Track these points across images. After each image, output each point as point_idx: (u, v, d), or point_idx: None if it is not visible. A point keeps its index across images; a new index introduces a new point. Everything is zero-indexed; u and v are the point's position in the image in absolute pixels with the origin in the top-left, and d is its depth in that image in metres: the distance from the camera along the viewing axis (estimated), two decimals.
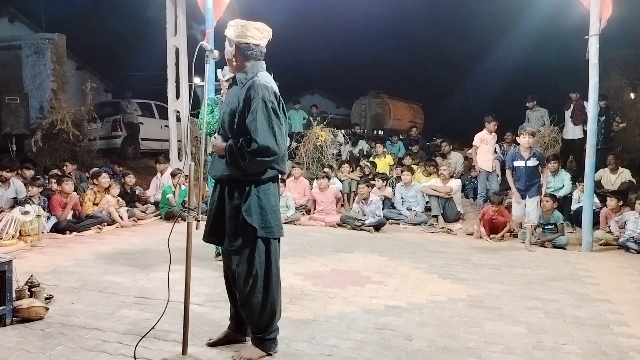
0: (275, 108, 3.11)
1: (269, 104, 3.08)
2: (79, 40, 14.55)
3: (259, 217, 3.15)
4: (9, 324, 3.76)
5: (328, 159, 10.75)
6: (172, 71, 9.35)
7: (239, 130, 3.14)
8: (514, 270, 5.73)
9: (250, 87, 3.13)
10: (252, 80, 3.15)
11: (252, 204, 3.15)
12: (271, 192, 3.24)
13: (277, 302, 3.28)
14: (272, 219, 3.20)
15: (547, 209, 7.28)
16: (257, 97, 3.07)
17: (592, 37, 6.69)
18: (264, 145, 3.03)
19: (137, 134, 14.06)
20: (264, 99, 3.07)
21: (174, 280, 3.19)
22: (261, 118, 3.05)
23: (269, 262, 3.23)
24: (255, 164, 3.08)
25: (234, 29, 3.19)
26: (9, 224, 6.45)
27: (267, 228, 3.18)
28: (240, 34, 3.17)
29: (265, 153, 3.05)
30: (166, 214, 8.47)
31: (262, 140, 3.02)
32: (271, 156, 3.08)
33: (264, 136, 3.03)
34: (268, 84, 3.14)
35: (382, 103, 17.80)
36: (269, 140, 3.04)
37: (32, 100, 11.47)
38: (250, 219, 3.13)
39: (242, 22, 3.19)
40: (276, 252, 3.28)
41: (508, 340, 3.69)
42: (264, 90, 3.09)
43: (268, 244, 3.22)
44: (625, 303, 4.63)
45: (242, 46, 3.18)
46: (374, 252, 6.44)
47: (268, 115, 3.06)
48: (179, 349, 3.15)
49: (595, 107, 6.81)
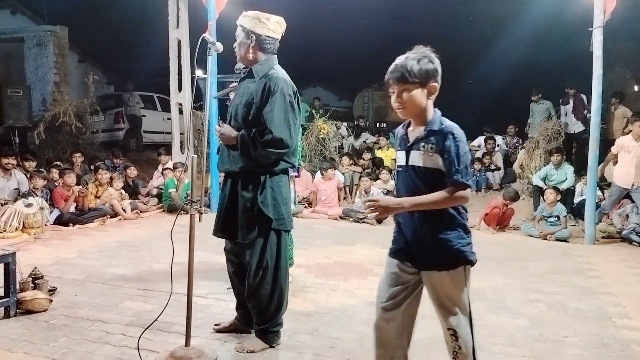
0: (293, 102, 3.15)
1: (287, 98, 3.11)
2: (81, 32, 14.50)
3: (273, 208, 3.17)
4: (12, 315, 3.78)
5: (330, 152, 10.74)
6: (174, 64, 9.34)
7: (254, 122, 3.14)
8: (516, 263, 5.74)
9: (269, 79, 3.13)
10: (269, 74, 3.15)
11: (267, 196, 3.17)
12: (283, 184, 3.26)
13: (284, 294, 3.31)
14: (285, 211, 3.23)
15: (550, 202, 7.28)
16: (277, 89, 3.08)
17: (596, 29, 6.64)
18: (278, 137, 3.04)
19: (139, 127, 14.05)
20: (283, 93, 3.09)
21: (177, 272, 3.20)
22: (279, 110, 3.06)
23: (279, 254, 3.25)
24: (266, 154, 3.08)
25: (254, 21, 3.16)
26: (12, 216, 6.47)
27: (280, 220, 3.20)
28: (261, 27, 3.16)
29: (278, 145, 3.06)
30: (169, 206, 8.49)
31: (277, 132, 3.03)
32: (284, 149, 3.09)
33: (279, 128, 3.04)
34: (287, 79, 3.18)
35: (384, 95, 17.75)
36: (284, 132, 3.06)
37: (34, 93, 11.45)
38: (267, 210, 3.15)
39: (264, 15, 3.18)
40: (286, 245, 3.31)
41: (510, 333, 3.70)
42: (284, 84, 3.12)
43: (280, 236, 3.25)
44: (627, 296, 4.63)
45: (262, 38, 3.18)
46: (376, 245, 6.44)
47: (286, 109, 3.08)
48: (182, 340, 3.17)
49: (599, 100, 6.78)
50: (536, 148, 9.51)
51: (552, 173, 8.40)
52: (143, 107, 14.40)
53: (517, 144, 11.20)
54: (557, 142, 9.37)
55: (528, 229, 7.43)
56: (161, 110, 14.89)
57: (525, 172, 9.59)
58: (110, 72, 18.40)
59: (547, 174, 8.46)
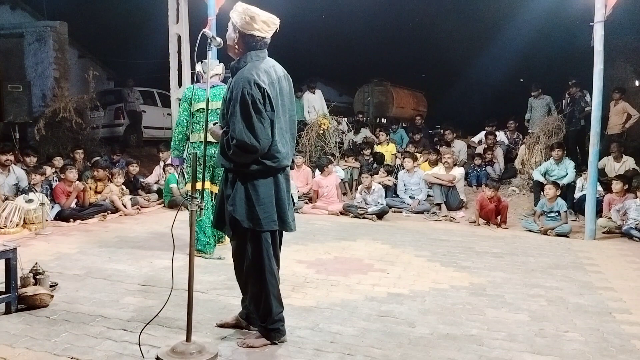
0: (257, 101, 2.97)
1: (248, 98, 2.95)
2: (81, 28, 14.49)
3: (245, 208, 3.12)
4: (14, 311, 3.78)
5: (331, 147, 10.72)
6: (174, 59, 9.31)
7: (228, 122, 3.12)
8: (517, 258, 5.74)
9: (235, 79, 3.10)
10: (240, 70, 3.11)
11: (238, 195, 3.13)
12: (262, 183, 3.14)
13: (272, 295, 3.23)
14: (261, 211, 3.12)
15: (550, 197, 7.28)
16: (237, 89, 3.00)
17: (597, 23, 6.62)
18: (241, 140, 2.95)
19: (139, 122, 14.04)
20: (243, 93, 2.96)
21: (178, 267, 3.20)
22: (237, 113, 2.97)
23: (259, 256, 3.18)
24: (239, 156, 3.04)
25: (240, 17, 3.10)
26: (13, 212, 6.47)
27: (255, 220, 3.12)
28: (246, 25, 3.10)
29: (243, 148, 2.98)
30: (170, 202, 8.50)
31: (238, 136, 2.96)
32: (250, 152, 2.99)
33: (239, 132, 2.95)
34: (252, 77, 3.00)
35: (385, 91, 17.73)
36: (246, 135, 2.95)
37: (34, 89, 11.43)
38: (232, 209, 3.13)
39: (250, 13, 3.09)
40: (268, 246, 3.20)
41: (510, 328, 3.70)
42: (246, 82, 2.99)
43: (258, 236, 3.17)
44: (627, 291, 4.63)
45: (247, 37, 3.14)
46: (377, 240, 6.44)
47: (247, 110, 2.96)
48: (183, 336, 3.17)
49: (599, 95, 6.76)
50: (537, 143, 9.49)
51: (553, 168, 8.39)
52: (143, 102, 14.38)
53: (518, 139, 11.19)
54: (558, 137, 9.35)
55: (528, 224, 7.43)
56: (161, 106, 14.87)
57: (525, 167, 9.58)
58: (110, 67, 18.36)
59: (547, 169, 8.45)
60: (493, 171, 9.88)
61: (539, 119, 10.25)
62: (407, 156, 9.12)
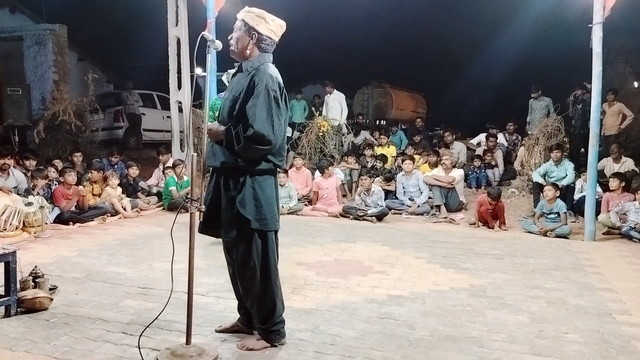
0: (278, 98, 3.09)
1: (271, 93, 3.05)
2: (80, 31, 14.49)
3: (253, 208, 3.13)
4: (13, 314, 3.78)
5: (330, 150, 10.72)
6: (173, 62, 9.33)
7: (238, 118, 3.12)
8: (517, 260, 5.74)
9: (255, 74, 3.12)
10: (257, 69, 3.14)
11: (247, 195, 3.13)
12: (267, 183, 3.20)
13: (276, 295, 3.26)
14: (268, 211, 3.16)
15: (550, 198, 7.28)
16: (261, 84, 3.06)
17: (595, 25, 6.64)
18: (260, 132, 3.00)
19: (139, 125, 14.03)
20: (267, 87, 3.05)
21: (177, 270, 3.19)
22: (261, 105, 3.03)
23: (266, 255, 3.21)
24: (249, 150, 3.05)
25: (258, 19, 3.16)
26: (12, 215, 6.46)
27: (262, 220, 3.15)
28: (265, 26, 3.17)
29: (260, 140, 3.02)
30: (169, 204, 8.49)
31: (259, 127, 3.00)
32: (266, 145, 3.04)
33: (260, 123, 3.01)
34: (274, 74, 3.14)
35: (384, 93, 17.74)
36: (266, 128, 3.01)
37: (34, 92, 11.44)
38: (243, 210, 3.11)
39: (269, 16, 3.19)
40: (273, 245, 3.25)
41: (510, 329, 3.70)
42: (269, 78, 3.08)
43: (265, 236, 3.20)
44: (627, 292, 4.63)
45: (263, 38, 3.18)
46: (377, 242, 6.44)
47: (269, 104, 3.04)
48: (182, 339, 3.17)
49: (598, 97, 6.77)
50: (536, 145, 9.49)
51: (552, 170, 8.40)
52: (142, 105, 14.36)
53: (517, 141, 11.19)
54: (557, 139, 9.36)
55: (528, 226, 7.44)
56: (161, 109, 14.84)
57: (525, 168, 9.58)
58: (109, 70, 18.35)
59: (547, 170, 8.45)
60: (493, 175, 9.87)
61: (539, 121, 10.26)
62: (406, 158, 9.12)
